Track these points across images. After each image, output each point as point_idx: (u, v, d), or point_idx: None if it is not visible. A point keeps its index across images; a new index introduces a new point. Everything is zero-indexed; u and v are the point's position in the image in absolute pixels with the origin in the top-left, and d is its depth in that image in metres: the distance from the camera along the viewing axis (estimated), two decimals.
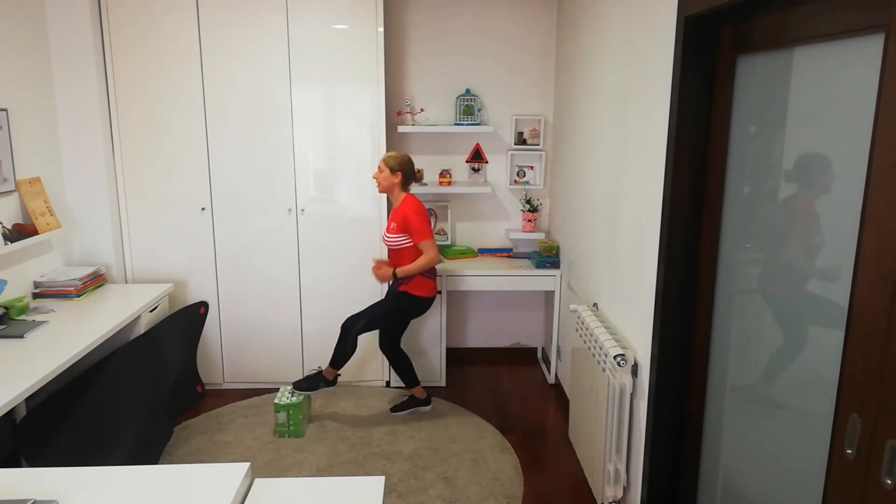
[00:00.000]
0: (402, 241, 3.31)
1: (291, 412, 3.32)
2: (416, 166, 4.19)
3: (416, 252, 3.30)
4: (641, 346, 2.39)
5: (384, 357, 3.62)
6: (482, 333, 4.50)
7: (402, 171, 3.32)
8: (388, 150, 3.84)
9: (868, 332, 1.30)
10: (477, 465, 3.11)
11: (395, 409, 3.60)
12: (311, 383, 3.43)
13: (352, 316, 3.42)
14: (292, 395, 3.38)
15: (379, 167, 3.35)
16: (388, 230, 3.38)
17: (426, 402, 3.63)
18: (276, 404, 3.32)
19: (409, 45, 4.05)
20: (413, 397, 3.62)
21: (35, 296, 3.21)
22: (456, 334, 4.48)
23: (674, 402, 2.25)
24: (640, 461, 2.39)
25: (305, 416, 3.44)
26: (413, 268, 3.28)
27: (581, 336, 2.93)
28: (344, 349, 3.41)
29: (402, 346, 3.56)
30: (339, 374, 3.51)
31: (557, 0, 3.98)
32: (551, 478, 3.04)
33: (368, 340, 3.85)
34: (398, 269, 3.30)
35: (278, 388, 3.90)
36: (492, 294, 4.42)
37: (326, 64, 3.59)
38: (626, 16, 2.60)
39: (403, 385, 3.68)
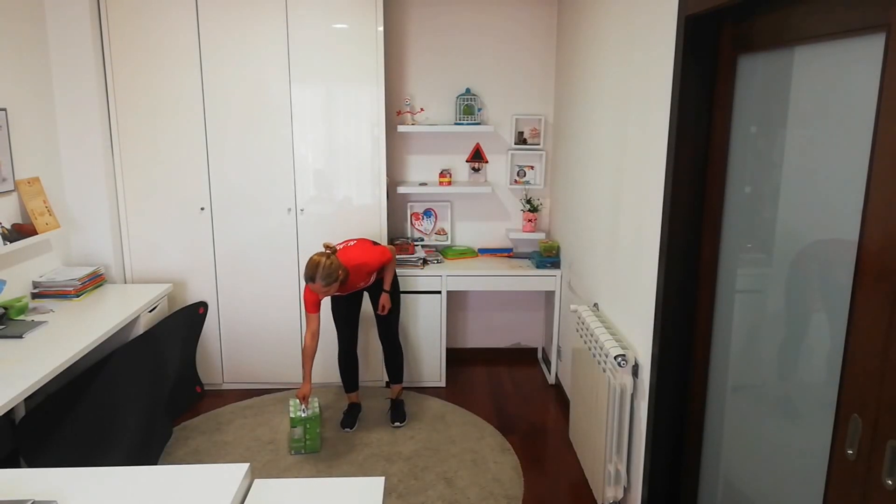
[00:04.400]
0: (373, 279, 3.31)
1: (309, 426, 3.17)
2: (417, 166, 4.22)
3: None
4: (642, 347, 2.38)
5: (385, 355, 3.59)
6: (482, 333, 4.49)
7: (340, 275, 2.98)
8: (387, 151, 3.86)
9: (869, 333, 1.29)
10: (477, 466, 3.11)
11: (395, 417, 3.52)
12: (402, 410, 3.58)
13: (387, 329, 3.47)
14: (306, 408, 3.18)
15: (327, 292, 2.98)
16: (356, 287, 3.24)
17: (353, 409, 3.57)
18: (291, 419, 3.14)
19: (409, 44, 4.05)
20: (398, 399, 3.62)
21: (34, 296, 3.20)
22: (456, 334, 4.47)
23: (674, 403, 2.25)
24: (641, 462, 2.38)
25: (321, 429, 3.34)
26: (391, 277, 3.36)
27: (581, 336, 2.93)
28: (401, 358, 3.60)
29: (401, 342, 3.59)
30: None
31: None
32: (551, 478, 3.04)
33: (368, 341, 3.85)
34: (386, 287, 3.35)
35: (278, 390, 3.91)
36: (492, 294, 4.41)
37: (326, 63, 3.58)
38: (626, 15, 2.60)
39: (394, 380, 3.60)
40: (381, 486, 1.58)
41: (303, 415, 3.17)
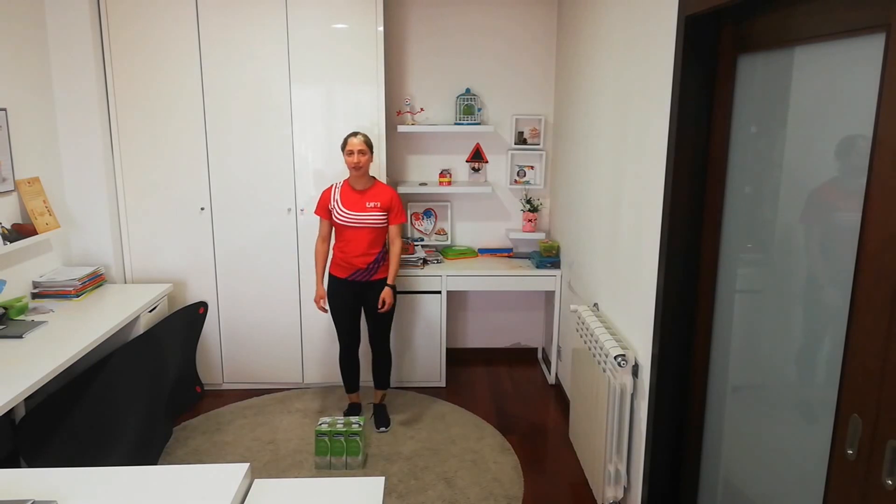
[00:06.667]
0: (381, 220, 3.25)
1: (360, 440, 3.08)
2: (417, 166, 4.23)
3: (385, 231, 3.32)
4: (642, 347, 2.38)
5: (374, 360, 3.56)
6: (482, 333, 4.49)
7: (372, 148, 3.27)
8: (387, 151, 3.85)
9: (869, 333, 1.29)
10: (477, 466, 3.11)
11: (380, 423, 3.49)
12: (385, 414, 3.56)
13: (380, 335, 3.45)
14: (357, 422, 3.13)
15: (363, 151, 3.15)
16: (364, 209, 3.20)
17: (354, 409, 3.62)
18: (352, 440, 3.05)
19: (409, 44, 4.05)
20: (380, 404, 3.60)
21: (34, 296, 3.20)
22: (456, 334, 4.47)
23: (674, 403, 2.24)
24: (641, 462, 2.38)
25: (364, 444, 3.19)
26: (396, 267, 3.32)
27: (581, 336, 2.93)
28: (390, 364, 3.58)
29: (391, 349, 3.56)
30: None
31: None
32: (551, 478, 3.04)
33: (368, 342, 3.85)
34: (389, 281, 3.29)
35: (278, 390, 3.91)
36: (492, 294, 4.41)
37: (326, 63, 3.58)
38: (626, 15, 2.60)
39: (380, 385, 3.57)
40: (381, 486, 1.58)
41: (357, 427, 3.08)
